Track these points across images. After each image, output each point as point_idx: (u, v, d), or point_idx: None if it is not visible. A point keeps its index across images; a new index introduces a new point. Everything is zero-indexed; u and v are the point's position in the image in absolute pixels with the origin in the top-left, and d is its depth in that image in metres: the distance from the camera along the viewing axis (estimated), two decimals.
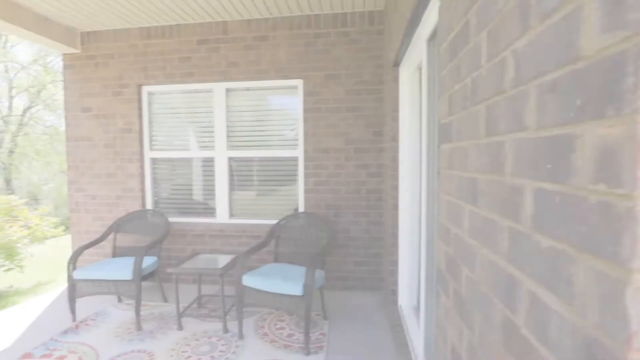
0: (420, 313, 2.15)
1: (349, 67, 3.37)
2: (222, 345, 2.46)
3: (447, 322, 1.10)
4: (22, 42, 13.67)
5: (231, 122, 3.66)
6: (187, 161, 3.81)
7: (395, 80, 2.90)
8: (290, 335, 2.59)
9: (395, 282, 2.93)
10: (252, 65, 3.50)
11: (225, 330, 2.64)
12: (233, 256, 2.99)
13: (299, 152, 3.52)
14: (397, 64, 2.87)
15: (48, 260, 5.09)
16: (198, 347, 2.44)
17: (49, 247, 5.78)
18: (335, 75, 3.38)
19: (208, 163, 3.74)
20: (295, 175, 3.58)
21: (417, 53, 2.31)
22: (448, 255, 1.10)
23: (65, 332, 2.69)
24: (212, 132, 3.68)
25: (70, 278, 2.76)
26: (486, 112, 0.83)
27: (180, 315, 2.72)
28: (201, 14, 3.38)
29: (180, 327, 2.70)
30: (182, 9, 3.25)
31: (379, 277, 3.42)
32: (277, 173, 3.63)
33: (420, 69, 2.52)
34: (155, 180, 3.85)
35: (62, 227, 4.55)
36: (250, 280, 2.50)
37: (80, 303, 2.87)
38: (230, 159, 3.66)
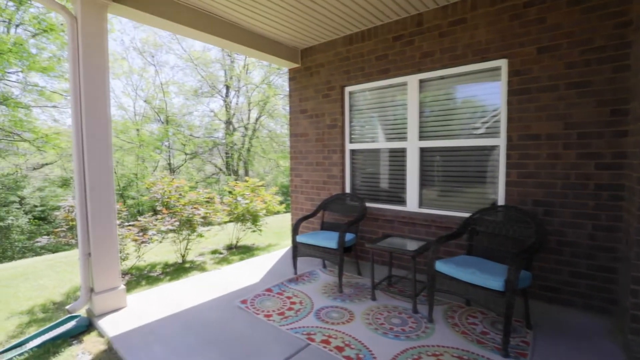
0: None
1: (571, 34, 2.77)
2: (412, 322, 2.57)
3: None
4: (256, 69, 18.25)
5: (423, 112, 3.71)
6: (379, 152, 4.12)
7: None
8: (484, 333, 2.42)
9: (639, 306, 2.24)
10: (447, 52, 3.41)
11: (415, 311, 2.73)
12: (422, 242, 3.04)
13: (500, 141, 3.18)
14: None
15: (274, 230, 6.70)
16: (389, 318, 2.65)
17: (275, 220, 7.58)
18: (552, 47, 2.86)
19: (399, 153, 3.92)
20: (494, 166, 3.26)
21: None
22: None
23: (290, 280, 3.51)
24: (405, 123, 3.82)
25: (294, 240, 3.57)
26: None
27: (374, 287, 3.01)
28: (397, 11, 3.56)
29: (374, 298, 3.00)
30: (381, 10, 3.53)
31: (608, 297, 2.69)
32: (471, 163, 3.41)
33: None
34: (353, 169, 4.37)
35: (283, 205, 5.84)
36: (443, 267, 2.49)
37: (298, 262, 3.70)
38: (421, 149, 3.71)
